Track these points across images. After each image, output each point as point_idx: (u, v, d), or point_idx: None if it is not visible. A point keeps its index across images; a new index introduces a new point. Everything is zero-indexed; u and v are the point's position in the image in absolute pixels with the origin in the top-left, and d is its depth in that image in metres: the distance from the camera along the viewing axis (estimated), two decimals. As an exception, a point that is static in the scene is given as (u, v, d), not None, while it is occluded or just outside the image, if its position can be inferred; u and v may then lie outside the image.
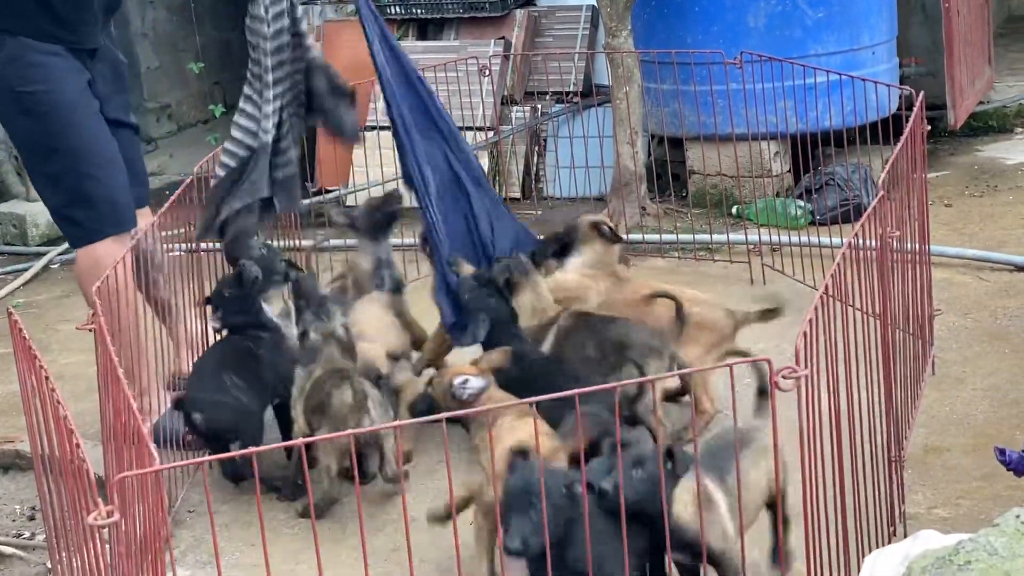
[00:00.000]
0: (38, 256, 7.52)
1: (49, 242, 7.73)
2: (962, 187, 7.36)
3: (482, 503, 3.78)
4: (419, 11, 8.02)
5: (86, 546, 3.16)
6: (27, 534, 4.47)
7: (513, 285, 4.68)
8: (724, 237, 6.52)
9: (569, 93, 7.72)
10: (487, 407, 3.83)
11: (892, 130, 5.70)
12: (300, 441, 3.66)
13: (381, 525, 4.27)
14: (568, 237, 5.00)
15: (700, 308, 4.68)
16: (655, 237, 6.66)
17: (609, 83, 7.06)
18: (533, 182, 7.65)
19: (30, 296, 7.01)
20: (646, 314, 4.67)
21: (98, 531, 2.77)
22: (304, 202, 7.16)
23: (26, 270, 7.33)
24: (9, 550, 4.30)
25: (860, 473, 3.59)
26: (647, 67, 7.02)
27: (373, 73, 4.91)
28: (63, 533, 3.54)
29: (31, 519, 4.56)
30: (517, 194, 7.50)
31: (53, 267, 7.43)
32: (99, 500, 2.70)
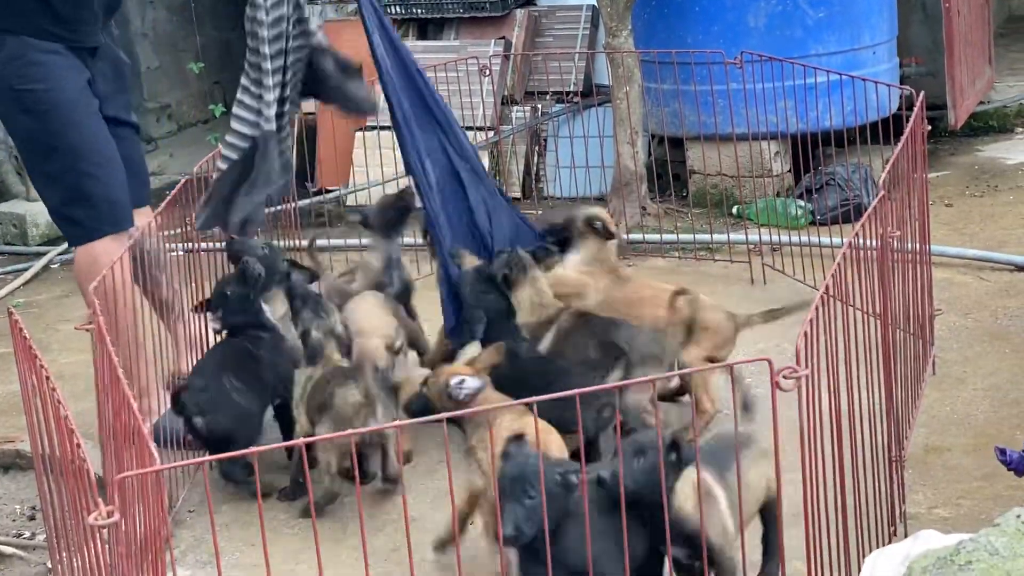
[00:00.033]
0: (38, 256, 7.51)
1: (49, 242, 7.73)
2: (963, 187, 7.36)
3: (487, 502, 3.77)
4: (419, 11, 8.01)
5: (86, 546, 3.16)
6: (27, 534, 4.46)
7: (512, 281, 4.67)
8: (724, 237, 6.51)
9: (569, 93, 7.71)
10: (486, 407, 3.81)
11: (892, 130, 5.69)
12: (300, 441, 3.66)
13: (381, 525, 4.26)
14: (565, 231, 4.98)
15: (701, 311, 4.67)
16: (655, 237, 6.66)
17: (609, 83, 7.06)
18: (533, 182, 7.65)
19: (30, 296, 7.01)
20: (646, 313, 4.67)
21: (98, 531, 2.77)
22: (304, 202, 7.18)
23: (26, 270, 7.33)
24: (9, 550, 4.29)
25: (861, 473, 3.59)
26: (647, 67, 7.02)
27: (374, 73, 4.90)
28: (63, 533, 3.54)
29: (31, 519, 4.55)
30: (518, 194, 7.48)
31: (53, 267, 7.42)
32: (99, 500, 2.70)
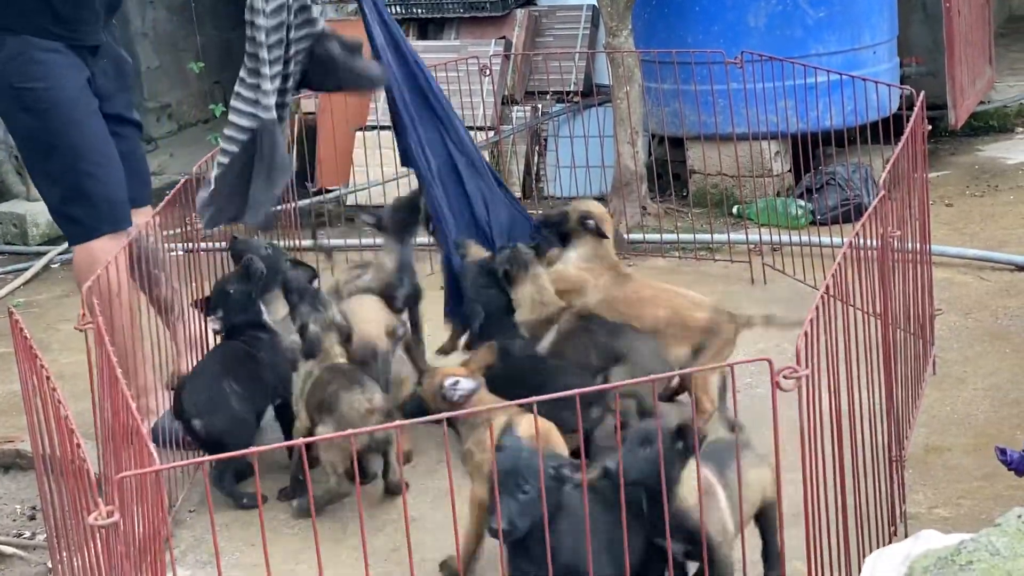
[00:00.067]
0: (38, 255, 7.51)
1: (49, 241, 7.72)
2: (963, 187, 7.36)
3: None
4: (419, 11, 8.01)
5: (87, 546, 3.16)
6: (28, 534, 4.46)
7: (513, 277, 4.64)
8: (725, 237, 6.51)
9: (570, 93, 7.71)
10: (484, 407, 3.81)
11: (893, 130, 5.69)
12: (301, 441, 3.66)
13: (381, 525, 4.26)
14: (558, 225, 4.95)
15: (702, 311, 4.66)
16: (656, 237, 6.66)
17: (610, 83, 7.06)
18: (534, 182, 7.64)
19: (30, 296, 7.01)
20: (646, 313, 4.66)
21: (98, 531, 2.77)
22: (304, 202, 7.17)
23: (27, 269, 7.33)
24: (10, 550, 4.29)
25: (861, 473, 3.59)
26: (648, 67, 7.02)
27: (366, 91, 4.91)
28: (64, 533, 3.54)
29: (32, 519, 4.55)
30: (518, 194, 7.48)
31: (53, 266, 7.42)
32: (99, 500, 2.70)
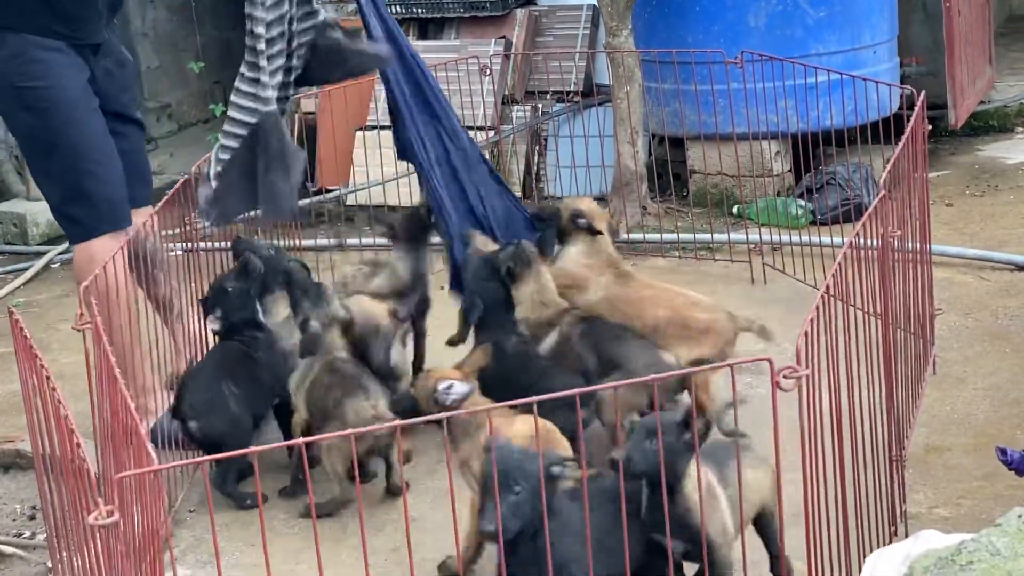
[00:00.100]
0: (38, 255, 7.51)
1: (49, 241, 7.72)
2: (963, 187, 7.36)
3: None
4: (419, 10, 8.01)
5: (86, 545, 3.16)
6: (27, 533, 4.46)
7: (516, 274, 4.61)
8: (725, 236, 6.51)
9: (570, 92, 7.71)
10: (476, 409, 3.81)
11: (893, 129, 5.69)
12: (301, 440, 3.66)
13: (381, 525, 4.26)
14: (550, 222, 4.90)
15: (703, 312, 4.65)
16: (656, 236, 6.66)
17: (610, 82, 7.06)
18: (534, 181, 7.64)
19: (31, 295, 7.01)
20: (647, 313, 4.65)
21: (98, 531, 2.77)
22: (304, 202, 7.17)
23: (27, 269, 7.33)
24: (10, 549, 4.29)
25: (861, 473, 3.59)
26: (648, 66, 7.02)
27: (373, 72, 4.90)
28: (63, 532, 3.54)
29: (32, 518, 4.55)
30: (518, 193, 7.48)
31: (54, 266, 7.42)
32: (99, 500, 2.70)
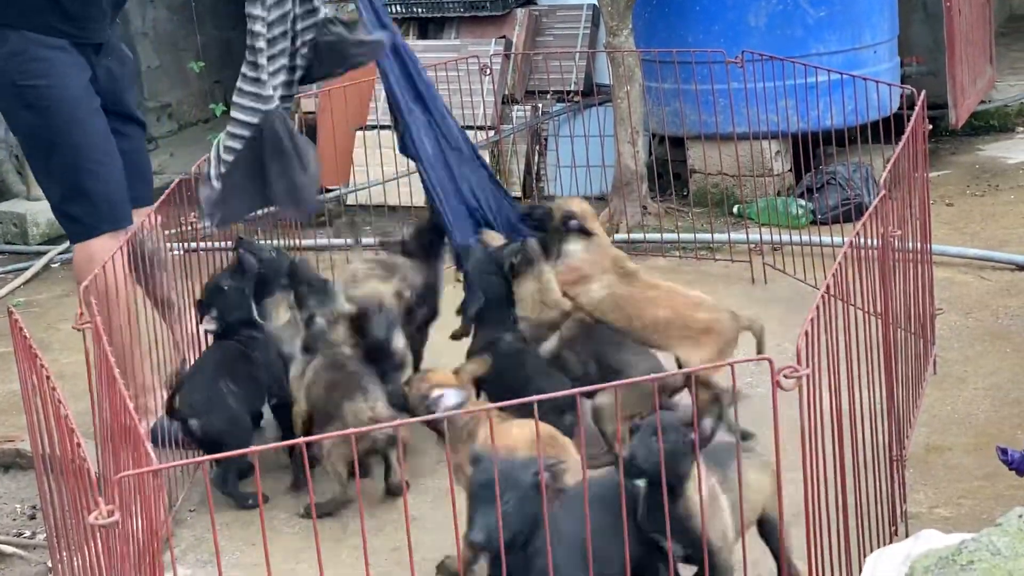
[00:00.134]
0: (39, 255, 7.51)
1: (50, 241, 7.72)
2: (963, 186, 7.36)
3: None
4: (420, 10, 8.01)
5: (87, 545, 3.16)
6: (28, 533, 4.46)
7: (518, 271, 4.59)
8: (725, 236, 6.51)
9: (570, 92, 7.70)
10: (476, 408, 3.79)
11: (893, 129, 5.69)
12: (301, 440, 3.66)
13: (381, 525, 4.26)
14: (541, 223, 4.86)
15: (705, 312, 4.63)
16: (656, 236, 6.66)
17: (610, 82, 7.05)
18: (534, 181, 7.64)
19: (31, 295, 7.00)
20: (647, 313, 4.64)
21: (98, 530, 2.77)
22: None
23: (27, 269, 7.33)
24: (10, 549, 4.29)
25: (861, 472, 3.59)
26: (648, 66, 7.02)
27: (373, 72, 4.89)
28: (64, 532, 3.54)
29: (32, 518, 4.55)
30: (518, 193, 7.48)
31: (54, 266, 7.42)
32: (99, 499, 2.70)
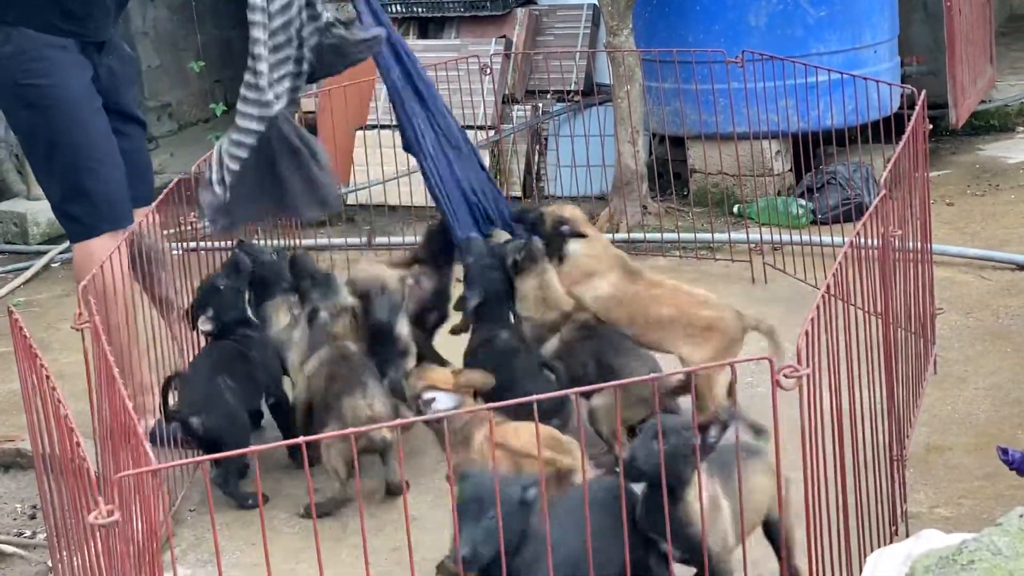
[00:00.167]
0: (39, 255, 7.51)
1: (50, 240, 7.72)
2: (964, 186, 7.36)
3: None
4: (420, 9, 8.01)
5: (87, 545, 3.16)
6: (28, 533, 4.46)
7: (521, 269, 4.57)
8: (725, 236, 6.51)
9: (570, 92, 7.70)
10: (472, 408, 3.79)
11: (894, 129, 5.70)
12: (301, 440, 3.65)
13: (381, 525, 4.26)
14: (533, 227, 4.83)
15: (709, 310, 4.63)
16: (656, 236, 6.66)
17: (610, 82, 7.05)
18: (534, 181, 7.64)
19: (31, 295, 7.00)
20: (652, 311, 4.63)
21: (98, 530, 2.77)
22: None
23: (27, 269, 7.33)
24: (10, 549, 4.29)
25: (862, 472, 3.59)
26: (648, 66, 7.02)
27: (373, 72, 4.89)
28: (64, 532, 3.54)
29: (32, 518, 4.55)
30: (518, 193, 7.48)
31: (54, 266, 7.42)
32: (99, 499, 2.70)
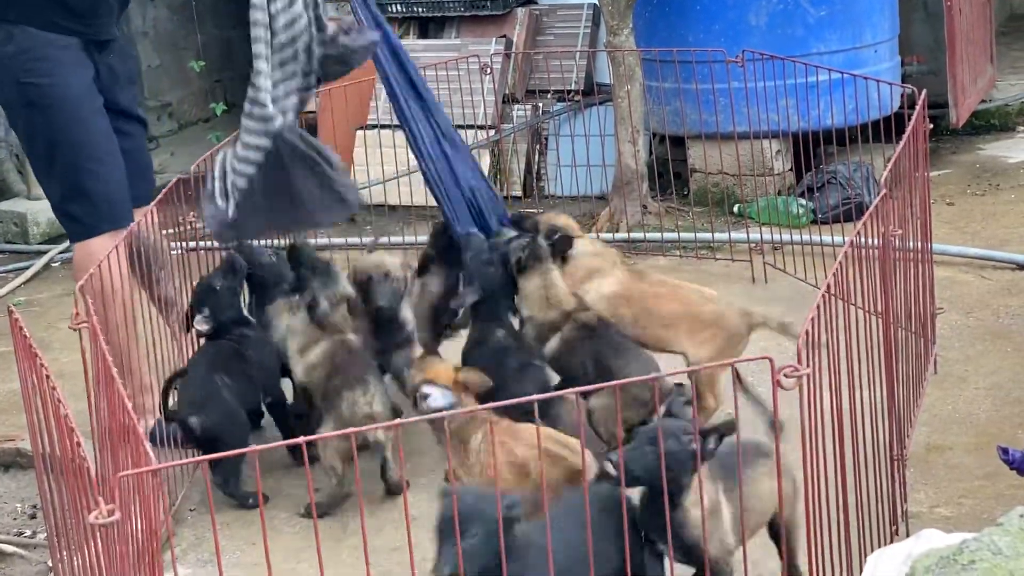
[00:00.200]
0: (39, 254, 7.51)
1: (50, 240, 7.72)
2: (964, 185, 7.36)
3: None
4: (420, 9, 8.01)
5: (87, 544, 3.16)
6: (28, 532, 4.46)
7: (524, 267, 4.55)
8: (726, 235, 6.51)
9: (570, 91, 7.70)
10: (479, 406, 3.79)
11: (894, 128, 5.70)
12: (301, 439, 3.65)
13: (381, 524, 4.26)
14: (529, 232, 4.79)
15: (713, 307, 4.62)
16: (656, 236, 6.66)
17: (610, 81, 7.05)
18: (534, 181, 7.64)
19: (31, 294, 7.00)
20: (655, 308, 4.62)
21: (98, 530, 2.77)
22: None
23: (27, 268, 7.33)
24: (10, 548, 4.29)
25: (862, 472, 3.59)
26: (649, 65, 7.02)
27: (372, 72, 4.89)
28: (64, 531, 3.54)
29: (32, 517, 4.55)
30: (519, 192, 7.48)
31: (54, 265, 7.42)
32: (99, 498, 2.70)
